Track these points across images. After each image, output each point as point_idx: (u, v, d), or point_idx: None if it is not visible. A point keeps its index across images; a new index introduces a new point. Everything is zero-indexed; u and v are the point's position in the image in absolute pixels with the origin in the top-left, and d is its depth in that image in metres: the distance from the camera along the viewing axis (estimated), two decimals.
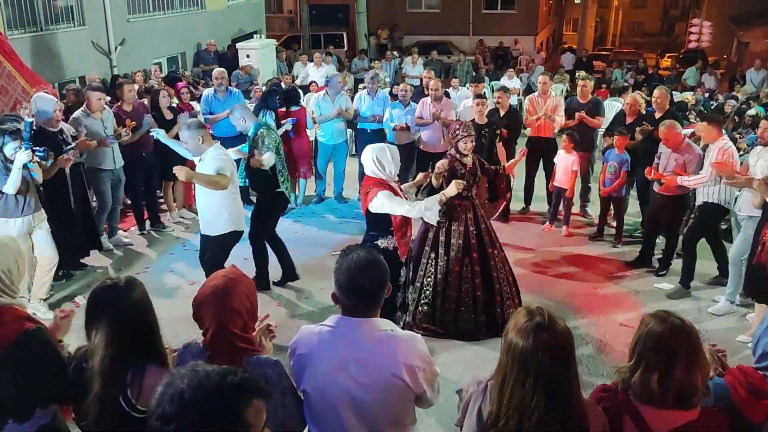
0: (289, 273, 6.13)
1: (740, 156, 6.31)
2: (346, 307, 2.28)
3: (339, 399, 2.22)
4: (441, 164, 5.10)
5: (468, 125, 5.30)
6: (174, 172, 4.84)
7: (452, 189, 4.60)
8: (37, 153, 4.96)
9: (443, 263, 5.14)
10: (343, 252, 2.36)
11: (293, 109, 7.95)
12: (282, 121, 7.70)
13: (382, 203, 4.25)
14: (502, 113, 7.61)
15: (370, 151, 4.36)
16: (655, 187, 6.21)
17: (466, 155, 5.18)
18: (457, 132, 5.16)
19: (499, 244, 5.37)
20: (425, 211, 4.37)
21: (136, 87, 9.10)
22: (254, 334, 2.46)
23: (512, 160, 5.96)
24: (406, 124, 7.91)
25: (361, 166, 5.26)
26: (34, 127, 5.10)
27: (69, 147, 5.77)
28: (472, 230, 5.17)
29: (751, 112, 10.34)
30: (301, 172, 8.21)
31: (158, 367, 2.28)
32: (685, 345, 2.09)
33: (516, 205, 8.01)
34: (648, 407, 2.12)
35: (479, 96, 7.53)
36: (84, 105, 6.45)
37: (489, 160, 6.12)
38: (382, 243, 4.45)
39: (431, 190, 4.99)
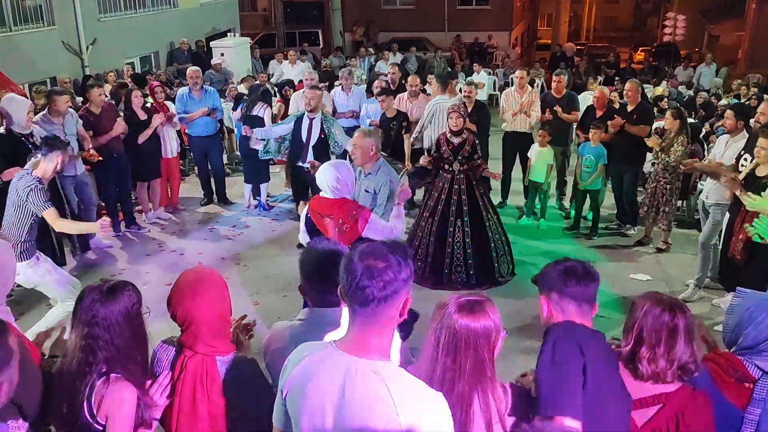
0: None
1: (709, 147, 6.40)
2: (314, 299, 2.27)
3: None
4: (423, 159, 6.29)
5: (459, 105, 6.12)
6: None
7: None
8: None
9: (430, 226, 6.03)
10: (308, 245, 2.38)
11: None
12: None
13: (377, 225, 3.81)
14: (470, 108, 7.49)
15: (333, 170, 3.70)
16: None
17: (454, 132, 5.94)
18: (450, 110, 6.04)
19: (494, 210, 6.26)
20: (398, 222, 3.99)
21: (108, 87, 8.98)
22: (231, 330, 2.44)
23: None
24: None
25: None
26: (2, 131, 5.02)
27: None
28: (461, 198, 5.95)
29: (723, 102, 10.52)
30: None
31: (127, 381, 2.18)
32: (684, 320, 2.16)
33: (493, 198, 8.02)
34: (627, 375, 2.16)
35: (383, 92, 7.57)
36: (46, 109, 6.35)
37: (393, 153, 6.84)
38: None
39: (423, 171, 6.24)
